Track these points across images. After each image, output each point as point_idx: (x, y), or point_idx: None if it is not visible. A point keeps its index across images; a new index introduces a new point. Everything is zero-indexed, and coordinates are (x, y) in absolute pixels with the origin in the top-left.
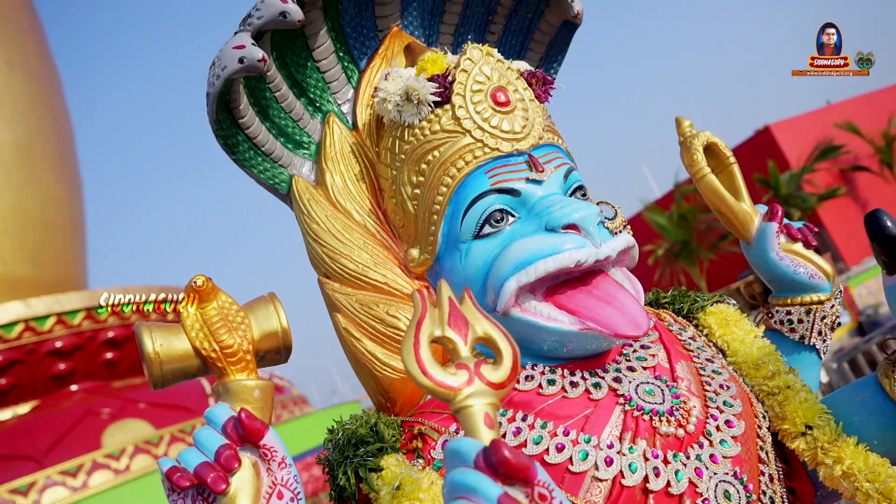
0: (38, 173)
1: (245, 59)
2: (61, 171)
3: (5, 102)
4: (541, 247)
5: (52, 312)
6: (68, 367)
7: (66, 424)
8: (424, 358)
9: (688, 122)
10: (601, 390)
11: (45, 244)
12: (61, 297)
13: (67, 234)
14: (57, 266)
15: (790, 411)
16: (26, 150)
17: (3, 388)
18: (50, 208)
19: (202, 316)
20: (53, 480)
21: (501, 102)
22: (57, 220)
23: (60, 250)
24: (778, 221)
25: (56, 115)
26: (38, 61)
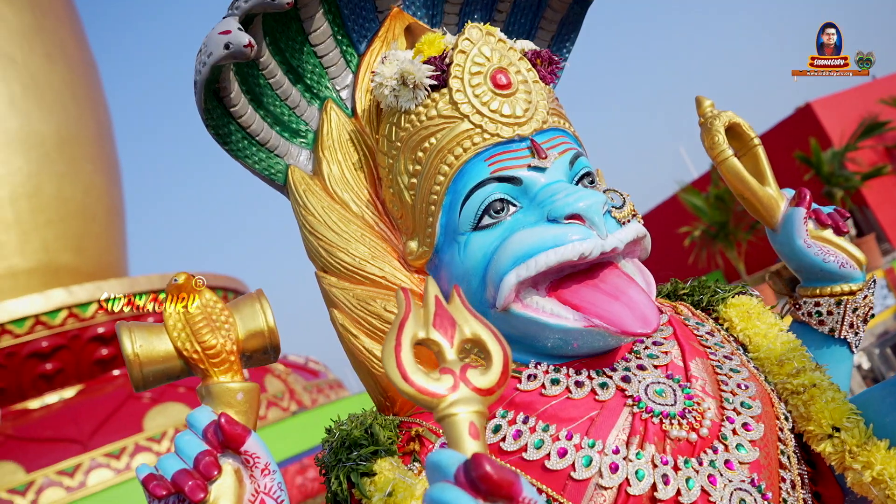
0: (79, 163)
1: (231, 44)
2: (101, 160)
3: (46, 94)
4: (542, 239)
5: (94, 299)
6: (110, 352)
7: (109, 408)
8: (406, 362)
9: (709, 101)
10: (608, 391)
11: (87, 232)
12: (102, 284)
13: (107, 223)
14: (98, 254)
15: (816, 411)
16: (67, 141)
17: (50, 373)
18: (90, 197)
19: (185, 315)
20: (98, 462)
21: (502, 85)
22: (97, 209)
23: (101, 238)
24: (806, 206)
25: (95, 104)
26: (76, 51)
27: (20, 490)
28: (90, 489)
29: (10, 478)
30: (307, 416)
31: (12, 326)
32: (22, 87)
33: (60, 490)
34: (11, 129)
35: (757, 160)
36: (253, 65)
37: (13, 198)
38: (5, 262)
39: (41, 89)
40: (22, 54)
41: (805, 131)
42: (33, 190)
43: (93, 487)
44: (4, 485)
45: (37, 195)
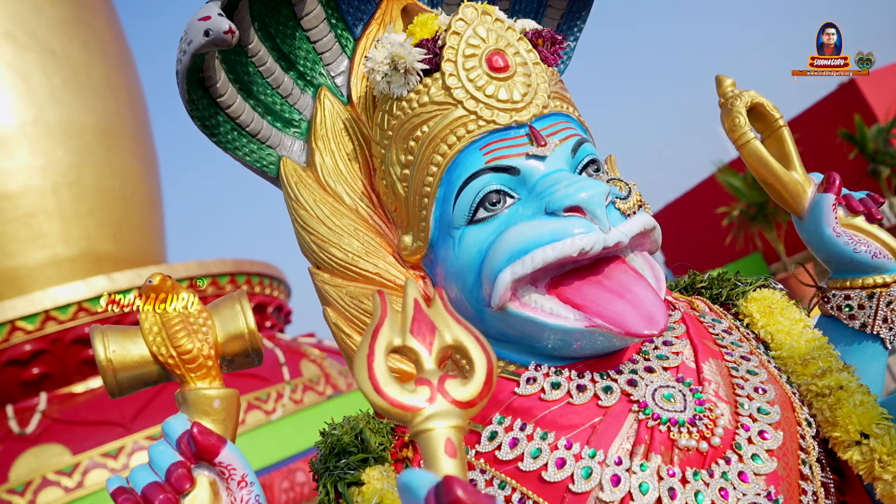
0: (117, 152)
1: (211, 31)
2: (138, 150)
3: (85, 85)
4: (539, 233)
5: (134, 286)
6: None
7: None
8: (378, 372)
9: (730, 80)
10: (612, 395)
11: (126, 220)
12: (142, 271)
13: (146, 210)
14: (137, 241)
15: (842, 416)
16: (105, 131)
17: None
18: (129, 186)
19: (161, 318)
20: (140, 445)
21: (498, 68)
22: (136, 197)
23: (140, 226)
24: (835, 192)
25: (131, 94)
26: (112, 42)
27: (66, 471)
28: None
29: (57, 459)
30: (343, 400)
31: (56, 313)
32: (62, 79)
33: (105, 472)
34: (52, 121)
35: (782, 143)
36: (241, 52)
37: (55, 188)
38: (49, 250)
39: (80, 80)
40: (61, 46)
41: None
42: (74, 180)
43: None
44: (52, 466)
45: (77, 185)
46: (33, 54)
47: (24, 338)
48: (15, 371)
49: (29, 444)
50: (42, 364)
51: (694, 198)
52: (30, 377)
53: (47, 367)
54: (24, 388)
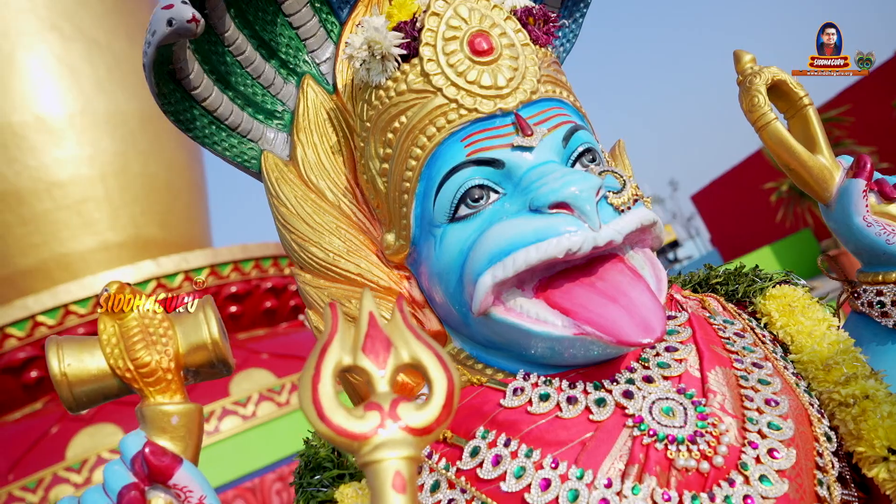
0: (162, 140)
1: (174, 20)
2: (182, 137)
3: (129, 75)
4: (521, 233)
5: (180, 270)
6: None
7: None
8: (323, 395)
9: (749, 56)
10: (605, 409)
11: (171, 206)
12: (188, 256)
13: (191, 196)
14: (183, 226)
15: (868, 429)
16: (150, 119)
17: None
18: (174, 172)
19: (120, 328)
20: None
21: (481, 51)
22: (181, 183)
23: (185, 211)
24: (865, 177)
25: None
26: None
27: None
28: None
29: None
30: None
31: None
32: (107, 69)
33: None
34: (99, 111)
35: (807, 123)
36: (216, 41)
37: (103, 176)
38: (98, 236)
39: (124, 70)
40: (105, 36)
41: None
42: (121, 168)
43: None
44: (106, 445)
45: (124, 173)
46: (79, 45)
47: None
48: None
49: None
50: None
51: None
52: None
53: None
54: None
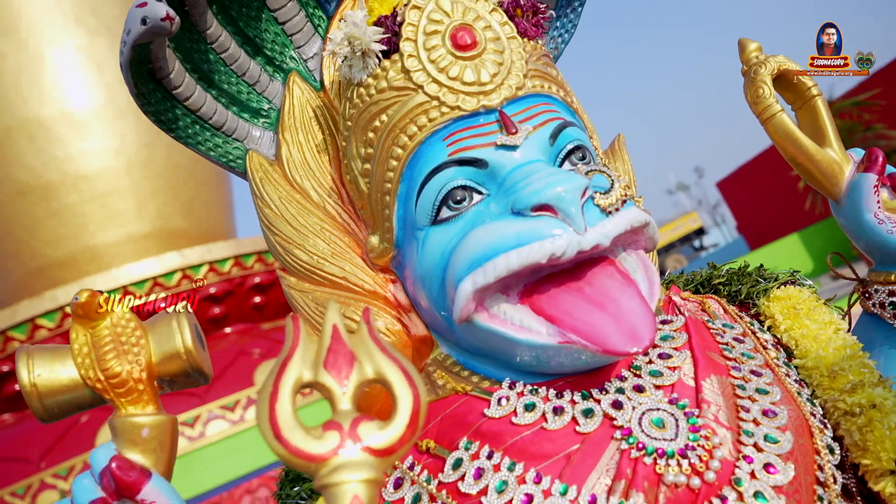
0: None
1: (148, 18)
2: None
3: None
4: (502, 237)
5: (205, 261)
6: (222, 311)
7: (223, 364)
8: (281, 414)
9: (754, 44)
10: (593, 420)
11: (196, 197)
12: (212, 246)
13: (215, 187)
14: (207, 217)
15: (874, 441)
16: None
17: None
18: (198, 163)
19: (92, 337)
20: (215, 414)
21: (464, 45)
22: (205, 175)
23: (209, 202)
24: (877, 171)
25: None
26: None
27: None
28: (209, 439)
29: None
30: None
31: (133, 288)
32: None
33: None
34: (124, 103)
35: (815, 115)
36: (198, 38)
37: (128, 167)
38: (125, 228)
39: None
40: None
41: None
42: (146, 159)
43: (211, 437)
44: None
45: (149, 164)
46: (103, 39)
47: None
48: None
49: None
50: None
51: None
52: None
53: None
54: None
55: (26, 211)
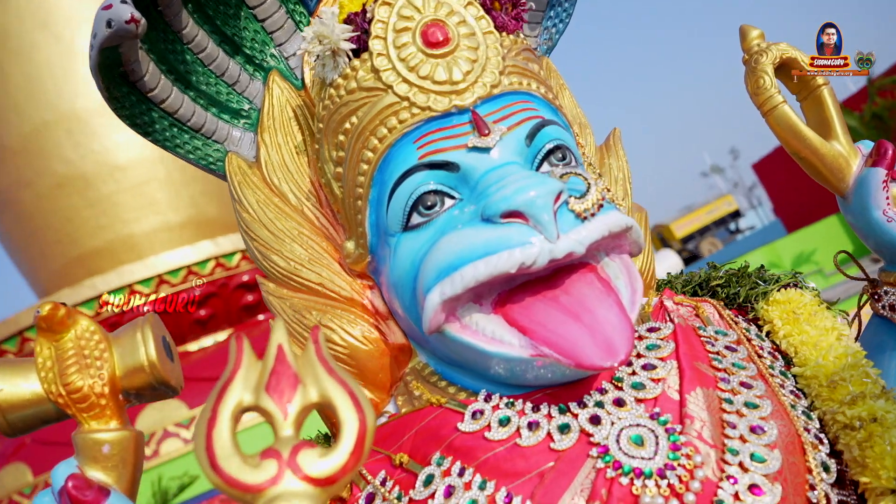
0: None
1: (113, 21)
2: None
3: None
4: (471, 245)
5: (238, 249)
6: (255, 298)
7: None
8: (218, 441)
9: (756, 31)
10: (569, 436)
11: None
12: None
13: None
14: None
15: (874, 458)
16: None
17: (204, 319)
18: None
19: (56, 351)
20: None
21: (436, 42)
22: None
23: None
24: (886, 165)
25: None
26: None
27: (185, 424)
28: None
29: (177, 413)
30: None
31: (169, 277)
32: None
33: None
34: None
35: (821, 106)
36: (174, 39)
37: (162, 157)
38: (160, 217)
39: None
40: None
41: None
42: None
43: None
44: (172, 419)
45: None
46: None
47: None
48: None
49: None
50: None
51: None
52: None
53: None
54: None
55: (65, 202)
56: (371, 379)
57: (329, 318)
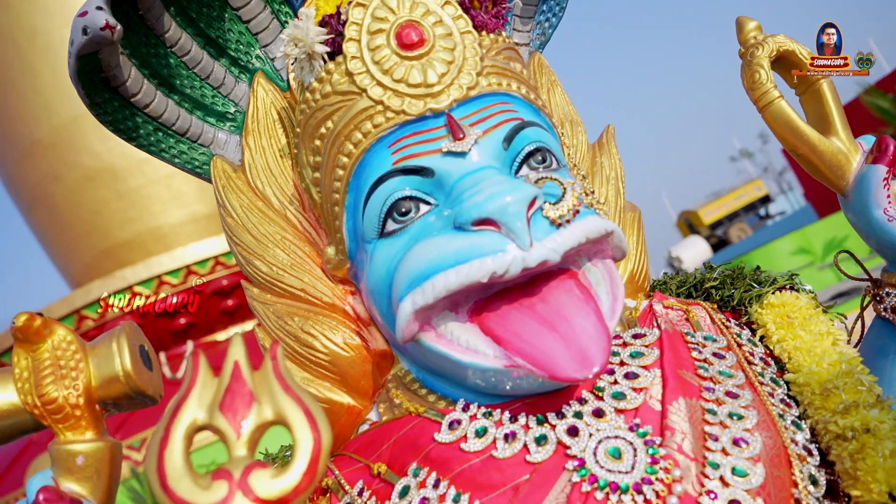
0: None
1: (88, 28)
2: None
3: None
4: (442, 254)
5: None
6: None
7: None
8: (169, 461)
9: (753, 23)
10: (545, 448)
11: None
12: None
13: None
14: None
15: (865, 470)
16: None
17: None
18: None
19: (33, 361)
20: None
21: (410, 43)
22: None
23: None
24: (887, 162)
25: None
26: None
27: None
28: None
29: None
30: None
31: (197, 267)
32: None
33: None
34: None
35: (820, 100)
36: (157, 43)
37: None
38: (187, 209)
39: None
40: None
41: None
42: None
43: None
44: None
45: None
46: None
47: (170, 291)
48: (165, 322)
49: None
50: (187, 314)
51: None
52: (178, 327)
53: (192, 318)
54: (174, 337)
55: (94, 195)
56: (353, 386)
57: (311, 325)
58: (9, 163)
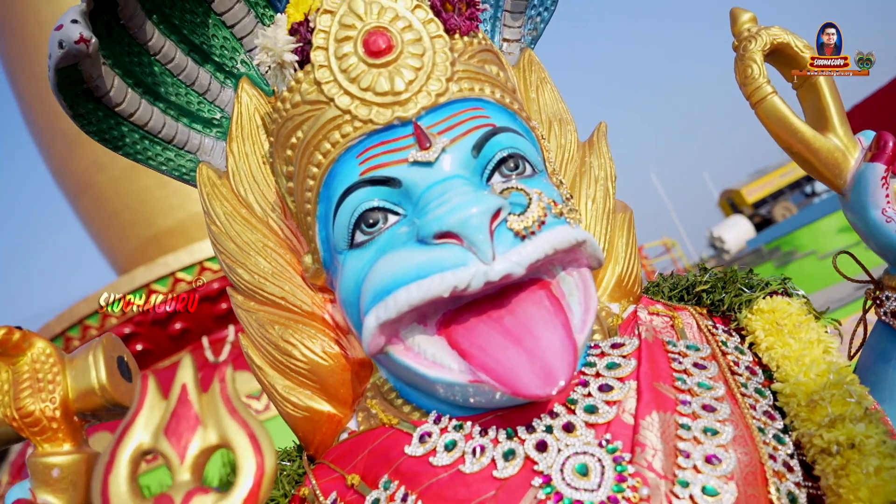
0: None
1: (64, 42)
2: None
3: None
4: (404, 268)
5: None
6: None
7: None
8: (113, 486)
9: (747, 15)
10: (513, 463)
11: None
12: None
13: None
14: None
15: (848, 487)
16: None
17: None
18: None
19: (13, 374)
20: None
21: (378, 51)
22: None
23: None
24: (886, 160)
25: None
26: None
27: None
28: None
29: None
30: None
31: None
32: None
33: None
34: None
35: (817, 95)
36: (140, 51)
37: None
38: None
39: None
40: None
41: None
42: None
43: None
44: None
45: None
46: None
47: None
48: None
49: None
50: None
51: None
52: (219, 311)
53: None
54: (216, 322)
55: (138, 184)
56: (332, 394)
57: (290, 333)
58: (56, 153)
